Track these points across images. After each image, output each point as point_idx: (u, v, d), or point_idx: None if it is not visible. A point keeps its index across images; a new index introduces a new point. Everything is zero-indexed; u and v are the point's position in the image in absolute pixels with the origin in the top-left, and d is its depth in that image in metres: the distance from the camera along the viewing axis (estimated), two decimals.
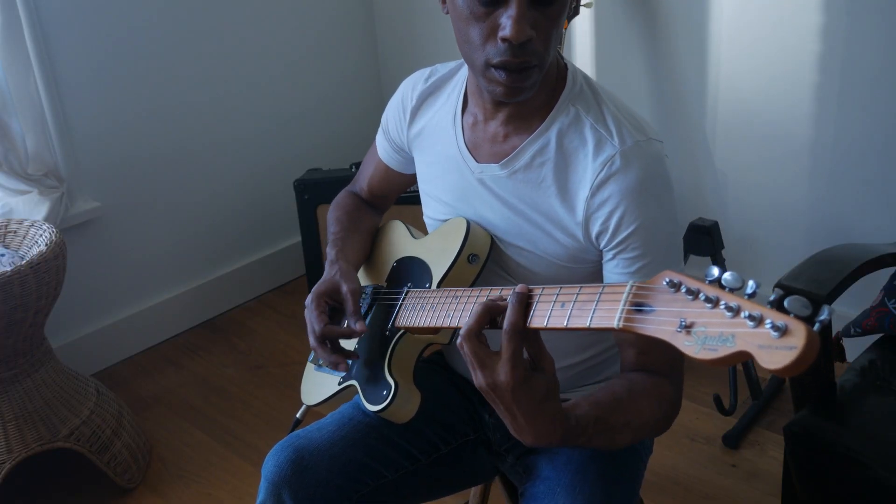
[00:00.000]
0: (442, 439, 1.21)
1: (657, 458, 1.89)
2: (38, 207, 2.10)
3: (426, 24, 2.80)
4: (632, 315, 0.73)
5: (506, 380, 0.81)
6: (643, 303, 0.73)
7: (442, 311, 1.01)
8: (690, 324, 0.67)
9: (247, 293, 2.81)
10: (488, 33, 0.96)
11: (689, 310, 0.68)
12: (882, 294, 1.58)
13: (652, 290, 0.73)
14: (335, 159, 2.88)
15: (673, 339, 0.68)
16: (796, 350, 0.59)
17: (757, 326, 0.62)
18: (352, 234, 1.29)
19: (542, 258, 1.08)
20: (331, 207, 1.37)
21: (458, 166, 1.14)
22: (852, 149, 2.02)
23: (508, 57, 0.95)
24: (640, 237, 1.00)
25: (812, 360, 0.59)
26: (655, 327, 0.70)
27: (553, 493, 1.06)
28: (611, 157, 1.00)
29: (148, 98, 2.39)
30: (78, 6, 2.18)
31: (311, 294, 1.15)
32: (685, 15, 2.17)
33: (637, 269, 1.01)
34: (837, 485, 1.34)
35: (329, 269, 1.19)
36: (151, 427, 2.19)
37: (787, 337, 0.60)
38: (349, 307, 1.12)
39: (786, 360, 0.59)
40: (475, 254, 1.10)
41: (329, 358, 1.11)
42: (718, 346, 0.64)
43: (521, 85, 0.98)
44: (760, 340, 0.61)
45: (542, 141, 1.06)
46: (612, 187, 0.99)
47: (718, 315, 0.65)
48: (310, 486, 1.09)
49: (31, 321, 1.72)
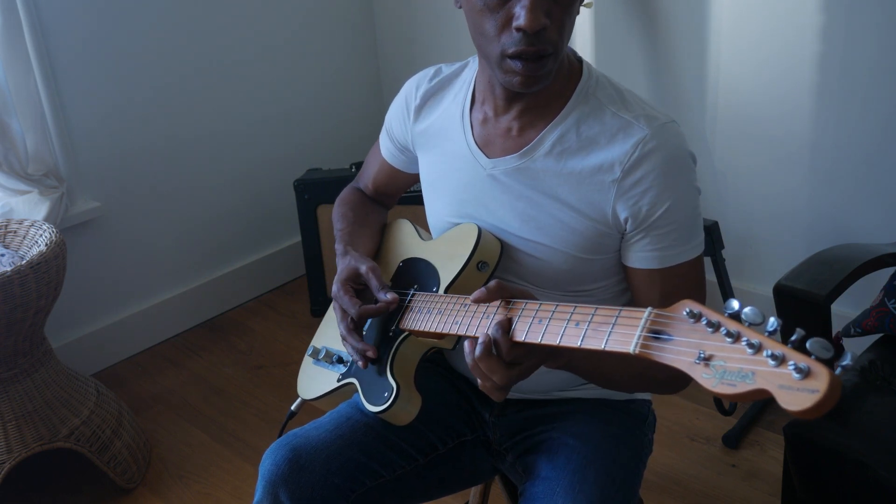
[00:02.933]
0: (440, 439, 1.21)
1: (657, 458, 1.89)
2: (38, 207, 2.10)
3: (426, 24, 2.80)
4: (649, 342, 0.73)
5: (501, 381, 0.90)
6: (662, 330, 0.73)
7: (450, 317, 1.01)
8: (709, 356, 0.67)
9: (247, 293, 2.81)
10: (503, 24, 0.97)
11: (709, 342, 0.68)
12: (882, 294, 1.58)
13: (671, 318, 0.73)
14: (335, 159, 2.88)
15: (690, 369, 0.68)
16: (818, 394, 0.59)
17: (779, 366, 0.62)
18: (359, 228, 1.29)
19: (557, 251, 1.08)
20: (336, 203, 1.36)
21: (467, 164, 1.14)
22: (852, 149, 2.01)
23: (524, 46, 0.96)
24: (673, 214, 1.02)
25: (833, 405, 0.59)
26: (673, 356, 0.70)
27: (553, 493, 1.06)
28: (642, 139, 1.01)
29: (148, 98, 2.39)
30: (78, 6, 2.18)
31: (335, 284, 1.16)
32: (685, 15, 2.17)
33: (667, 246, 1.03)
34: (837, 485, 1.34)
35: (342, 261, 1.20)
36: (151, 427, 2.19)
37: (810, 379, 0.60)
38: (374, 283, 1.13)
39: (807, 403, 0.59)
40: (485, 261, 1.10)
41: (359, 346, 1.11)
42: (737, 382, 0.64)
43: (538, 73, 0.99)
44: (782, 380, 0.61)
45: (562, 129, 1.06)
46: (647, 167, 1.01)
47: (739, 351, 0.65)
48: (307, 485, 1.09)
49: (31, 321, 1.72)
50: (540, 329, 0.85)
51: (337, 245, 1.25)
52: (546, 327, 0.84)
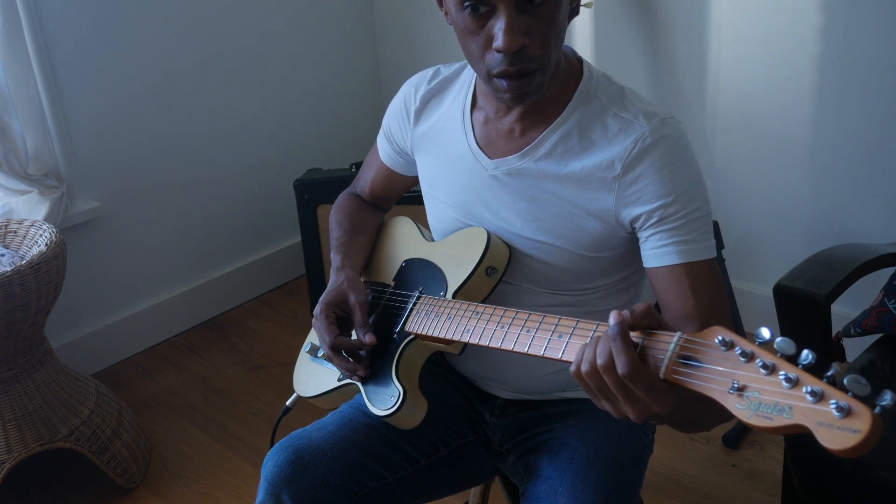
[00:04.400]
0: (441, 440, 1.21)
1: (657, 458, 1.89)
2: (38, 207, 2.10)
3: (426, 24, 2.80)
4: (678, 368, 0.72)
5: (660, 411, 0.77)
6: (692, 357, 0.72)
7: (460, 323, 1.01)
8: (743, 387, 0.66)
9: (247, 293, 2.81)
10: (484, 45, 0.97)
11: (743, 373, 0.67)
12: (882, 294, 1.58)
13: (702, 344, 0.72)
14: (335, 159, 2.88)
15: (723, 399, 0.67)
16: (860, 434, 0.58)
17: (818, 403, 0.61)
18: (356, 237, 1.28)
19: (564, 250, 1.08)
20: (332, 210, 1.35)
21: (469, 165, 1.14)
22: (852, 148, 2.01)
23: (506, 66, 0.96)
24: (681, 207, 1.00)
25: (874, 445, 0.58)
26: (704, 384, 0.69)
27: (555, 493, 1.06)
28: (641, 135, 1.01)
29: (148, 99, 2.39)
30: (78, 6, 2.18)
31: (319, 305, 1.15)
32: (685, 15, 2.17)
33: (682, 241, 1.00)
34: (837, 485, 1.34)
35: (335, 276, 1.19)
36: (151, 427, 2.19)
37: (851, 419, 0.60)
38: (358, 319, 1.13)
39: (849, 443, 0.59)
40: (494, 267, 1.09)
41: (345, 366, 1.12)
42: (773, 416, 0.64)
43: (526, 90, 0.99)
44: (821, 418, 0.61)
45: (564, 129, 1.06)
46: (647, 161, 1.01)
47: (775, 384, 0.65)
48: (309, 486, 1.09)
49: (31, 321, 1.72)
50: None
51: (333, 256, 1.24)
52: (566, 345, 0.85)
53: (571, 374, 0.81)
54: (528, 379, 1.18)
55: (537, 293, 1.13)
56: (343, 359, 1.12)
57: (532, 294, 1.13)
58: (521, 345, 0.92)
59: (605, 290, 1.13)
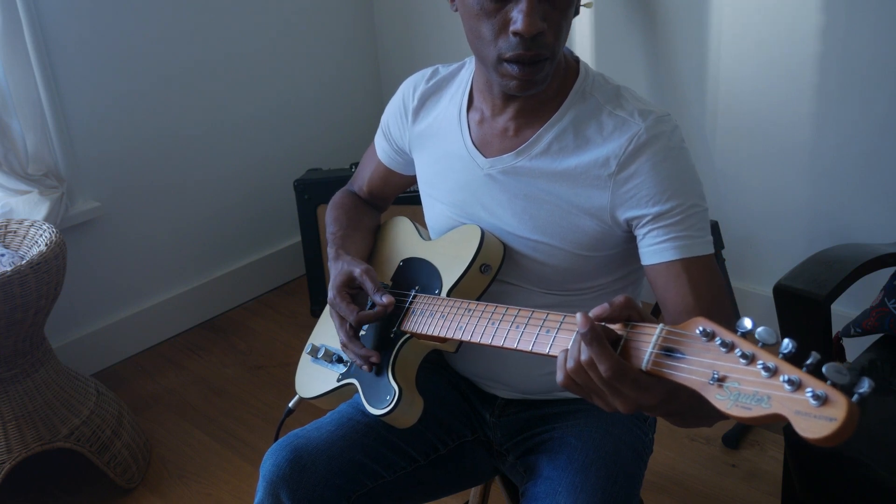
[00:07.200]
0: (440, 440, 1.21)
1: (657, 458, 1.89)
2: (38, 207, 2.10)
3: (426, 24, 2.80)
4: (661, 359, 0.72)
5: (649, 402, 0.77)
6: (674, 348, 0.72)
7: (454, 321, 1.01)
8: (723, 377, 0.66)
9: (247, 293, 2.81)
10: (500, 28, 0.97)
11: (723, 363, 0.67)
12: (882, 294, 1.58)
13: (684, 335, 0.72)
14: (335, 159, 2.88)
15: (704, 390, 0.67)
16: (836, 422, 0.58)
17: (795, 391, 0.61)
18: (352, 232, 1.29)
19: (559, 249, 1.08)
20: (329, 207, 1.36)
21: (465, 164, 1.14)
22: (852, 148, 2.01)
23: (521, 50, 0.96)
24: (677, 203, 1.00)
25: (851, 433, 0.58)
26: (686, 375, 0.69)
27: (555, 493, 1.06)
28: (636, 132, 1.02)
29: (148, 99, 2.39)
30: (78, 6, 2.18)
31: (330, 291, 1.15)
32: (685, 15, 2.17)
33: (679, 236, 1.00)
34: (837, 485, 1.34)
35: (335, 265, 1.19)
36: (151, 427, 2.19)
37: (827, 407, 0.59)
38: (369, 286, 1.12)
39: (824, 431, 0.58)
40: (488, 264, 1.10)
41: (361, 352, 1.11)
42: (752, 406, 0.63)
43: (534, 77, 0.99)
44: (798, 406, 0.61)
45: (559, 128, 1.07)
46: (642, 158, 1.01)
47: (754, 373, 0.65)
48: (308, 485, 1.09)
49: (31, 321, 1.72)
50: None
51: (329, 249, 1.24)
52: (553, 339, 0.85)
53: (558, 368, 0.81)
54: (528, 379, 1.19)
55: (533, 293, 1.13)
56: (358, 344, 1.12)
57: (528, 294, 1.13)
58: (510, 340, 0.92)
59: (601, 290, 1.13)
